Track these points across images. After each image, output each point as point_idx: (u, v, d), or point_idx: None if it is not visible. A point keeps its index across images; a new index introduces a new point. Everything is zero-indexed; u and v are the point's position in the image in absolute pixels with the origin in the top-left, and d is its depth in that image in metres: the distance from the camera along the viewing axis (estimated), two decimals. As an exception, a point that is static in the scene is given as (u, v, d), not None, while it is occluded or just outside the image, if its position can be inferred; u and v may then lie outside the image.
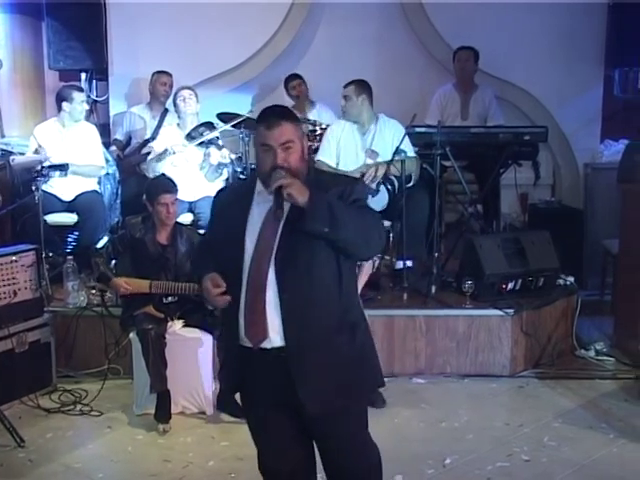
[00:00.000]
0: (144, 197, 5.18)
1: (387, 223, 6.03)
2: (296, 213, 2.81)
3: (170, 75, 7.27)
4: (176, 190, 5.17)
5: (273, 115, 2.92)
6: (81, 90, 6.59)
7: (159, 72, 7.26)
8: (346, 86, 6.10)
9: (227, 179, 6.58)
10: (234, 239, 2.93)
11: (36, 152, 6.28)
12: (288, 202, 2.80)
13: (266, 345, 2.89)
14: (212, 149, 6.27)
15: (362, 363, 2.99)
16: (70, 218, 6.42)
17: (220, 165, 6.30)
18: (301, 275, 2.85)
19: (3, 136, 7.33)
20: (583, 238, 7.04)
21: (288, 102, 7.33)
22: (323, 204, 2.77)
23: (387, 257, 6.23)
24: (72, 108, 6.41)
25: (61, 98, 6.45)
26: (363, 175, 5.99)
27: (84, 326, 5.63)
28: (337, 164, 6.16)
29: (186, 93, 6.49)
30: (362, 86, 6.07)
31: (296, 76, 7.46)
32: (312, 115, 7.28)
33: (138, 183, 6.58)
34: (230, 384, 3.20)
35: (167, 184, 5.17)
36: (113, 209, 6.88)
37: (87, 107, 6.60)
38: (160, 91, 7.25)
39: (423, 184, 6.23)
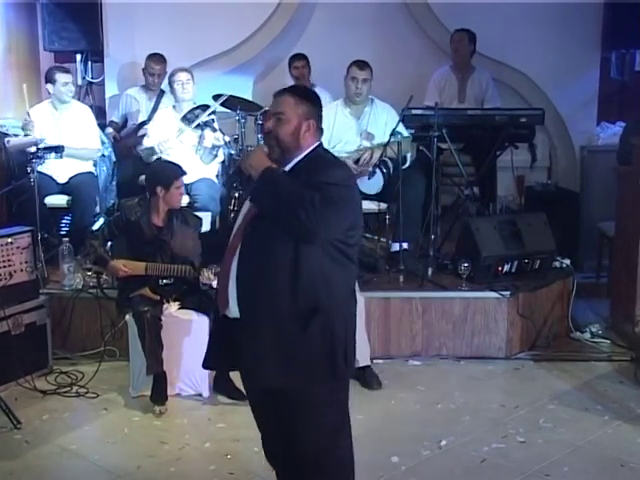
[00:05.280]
0: (141, 179, 5.18)
1: (383, 205, 6.04)
2: None
3: (163, 60, 7.12)
4: (185, 172, 5.23)
5: (283, 88, 3.07)
6: (66, 71, 6.40)
7: (149, 58, 7.12)
8: (363, 68, 6.06)
9: (223, 161, 6.56)
10: (236, 216, 3.12)
11: (24, 127, 6.23)
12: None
13: (229, 314, 2.99)
14: (207, 132, 6.22)
15: (312, 350, 2.90)
16: (64, 200, 6.38)
17: (215, 148, 6.27)
18: (257, 250, 2.90)
19: (-2, 118, 7.29)
20: (579, 220, 7.03)
21: (286, 83, 7.30)
22: (269, 180, 2.86)
23: (383, 239, 6.23)
24: (56, 90, 6.32)
25: (47, 80, 6.38)
26: (358, 160, 5.99)
27: (80, 308, 5.63)
28: (332, 146, 6.15)
29: (184, 77, 6.31)
30: (371, 69, 6.11)
31: (302, 57, 7.34)
32: None
33: (134, 165, 6.57)
34: (209, 357, 3.20)
35: (178, 168, 5.18)
36: (109, 191, 6.86)
37: (73, 88, 6.42)
38: (148, 79, 7.18)
39: (419, 166, 6.23)
